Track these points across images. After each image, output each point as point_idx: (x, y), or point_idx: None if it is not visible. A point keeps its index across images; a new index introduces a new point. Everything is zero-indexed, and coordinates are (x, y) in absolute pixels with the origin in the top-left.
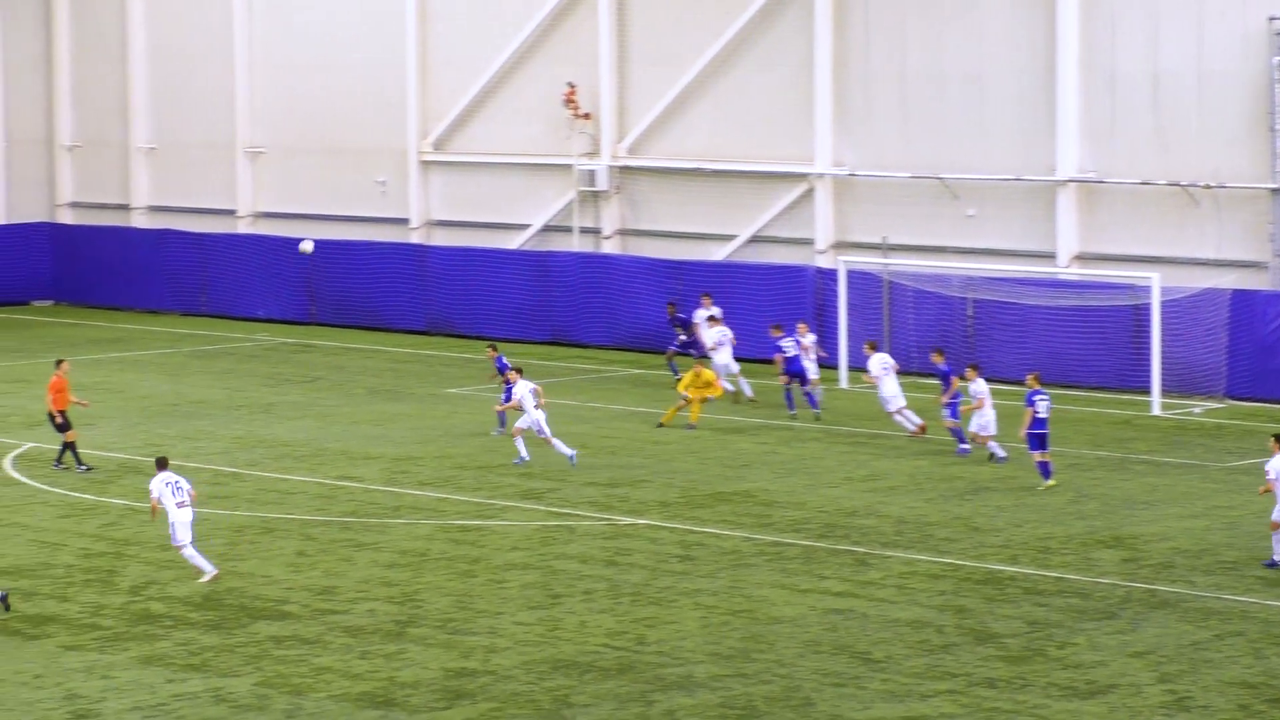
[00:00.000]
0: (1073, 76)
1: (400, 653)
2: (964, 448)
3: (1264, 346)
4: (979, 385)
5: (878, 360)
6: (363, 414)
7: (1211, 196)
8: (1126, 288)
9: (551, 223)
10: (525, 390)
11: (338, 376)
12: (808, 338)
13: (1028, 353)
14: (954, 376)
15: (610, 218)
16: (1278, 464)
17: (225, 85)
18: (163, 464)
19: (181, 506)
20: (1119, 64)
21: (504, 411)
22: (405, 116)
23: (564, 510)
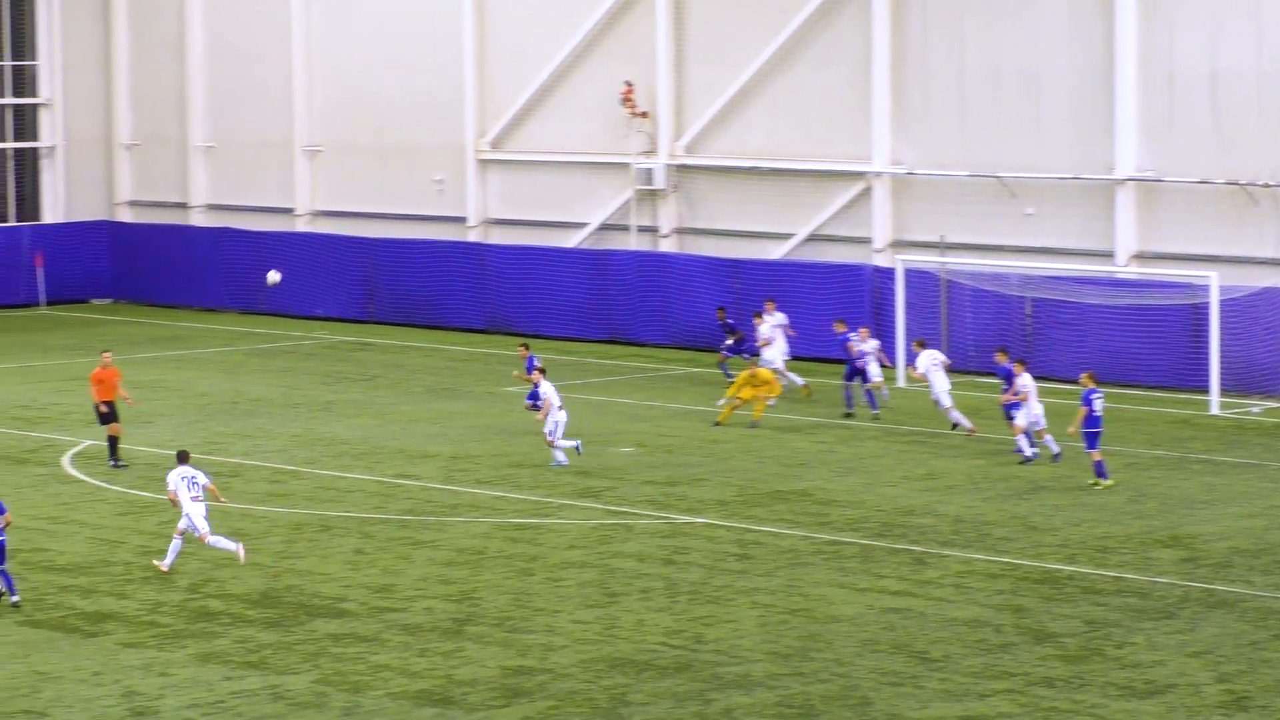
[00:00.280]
0: (1131, 75)
1: (458, 651)
2: (1034, 451)
3: None
4: (1025, 379)
5: (927, 357)
6: (421, 412)
7: (1270, 195)
8: (1185, 287)
9: (609, 221)
10: (551, 390)
11: (396, 375)
12: (870, 343)
13: (1086, 352)
14: (1014, 379)
15: (667, 216)
16: None
17: (283, 84)
18: (183, 458)
19: (196, 500)
20: (1178, 62)
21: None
22: (463, 115)
23: (622, 509)
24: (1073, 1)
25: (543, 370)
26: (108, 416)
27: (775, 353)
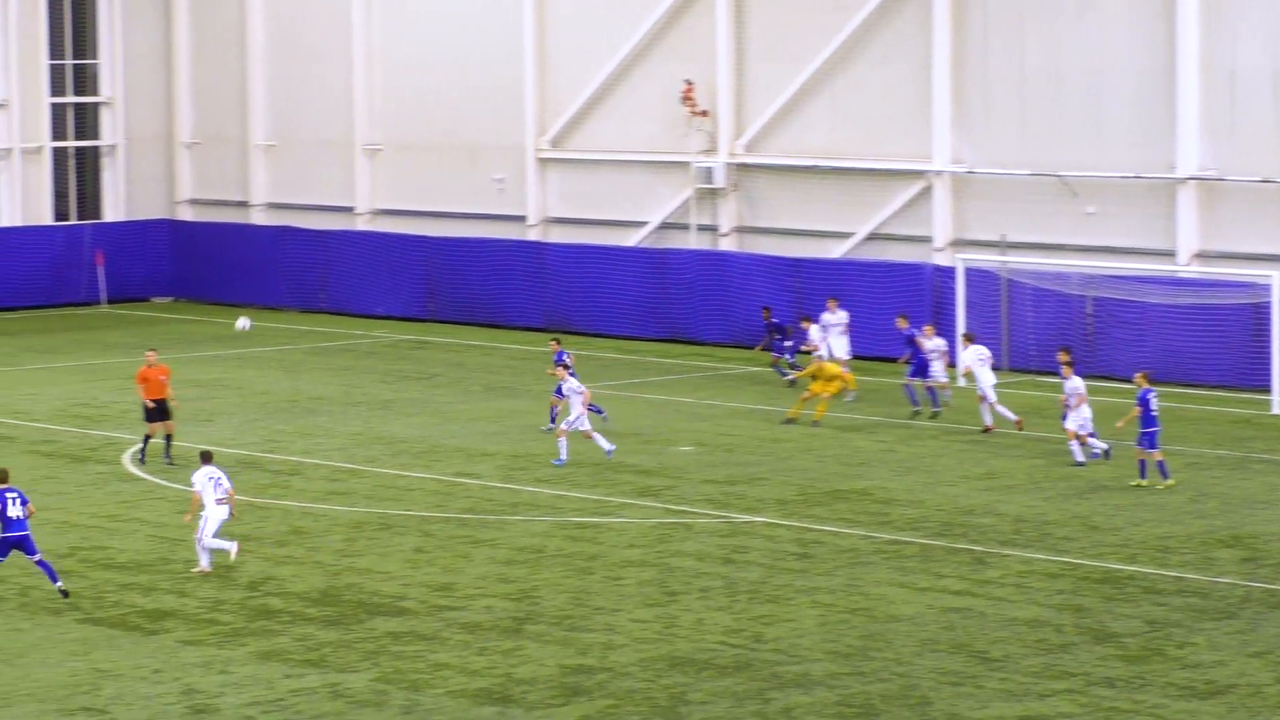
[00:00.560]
0: (1193, 73)
1: (517, 649)
2: (1096, 452)
3: None
4: (1074, 383)
5: (973, 352)
6: (480, 411)
7: None
8: (1247, 286)
9: (669, 220)
10: (572, 388)
11: (455, 373)
12: (935, 340)
13: (1147, 351)
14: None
15: (727, 215)
16: None
17: (344, 82)
18: (207, 458)
19: (219, 503)
20: (1239, 61)
21: (589, 406)
22: (523, 114)
23: (681, 508)
24: (1134, 0)
25: (568, 366)
26: (154, 414)
27: (840, 348)
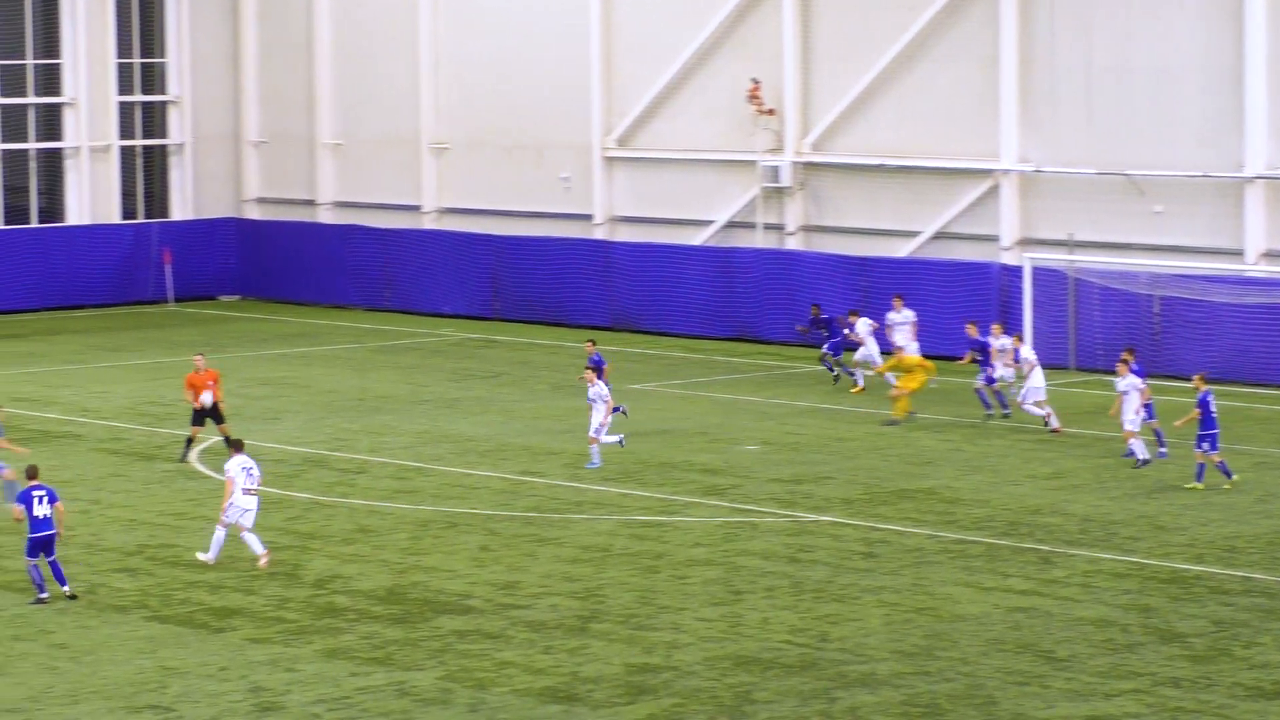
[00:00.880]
0: (1261, 71)
1: (583, 648)
2: (1163, 451)
3: None
4: (1128, 380)
5: (1027, 352)
6: (546, 409)
7: None
8: None
9: (735, 219)
10: (598, 394)
11: (521, 372)
12: (1002, 339)
13: (1214, 351)
14: (1144, 378)
15: (794, 214)
16: None
17: (410, 81)
18: (239, 446)
19: (248, 493)
20: None
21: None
22: (589, 112)
23: (747, 507)
24: None
25: (597, 369)
26: (200, 417)
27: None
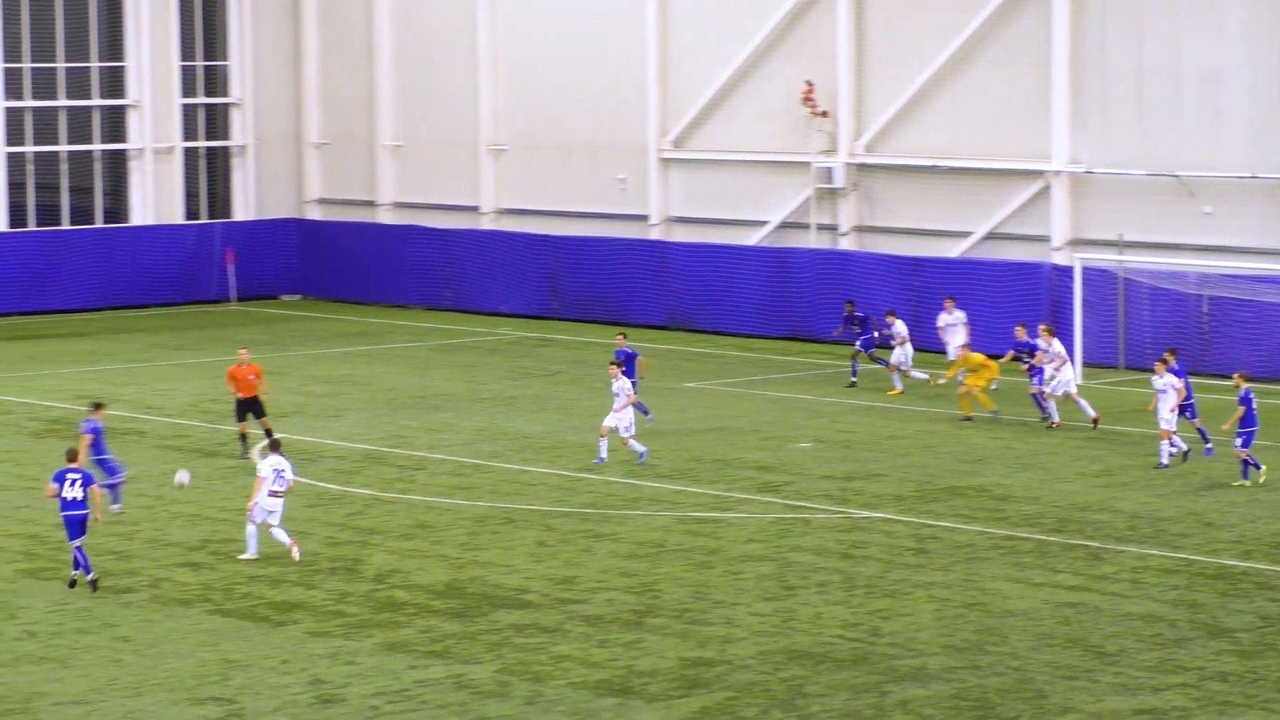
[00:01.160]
0: None
1: (638, 642)
2: (1209, 448)
3: None
4: (1170, 379)
5: (1058, 346)
6: (602, 407)
7: None
8: None
9: (789, 219)
10: (621, 388)
11: (578, 370)
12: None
13: (1263, 350)
14: (1185, 377)
15: (847, 214)
16: None
17: (469, 84)
18: (276, 446)
19: (273, 496)
20: None
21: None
22: (645, 115)
23: (800, 503)
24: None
25: (620, 365)
26: (243, 411)
27: (954, 347)
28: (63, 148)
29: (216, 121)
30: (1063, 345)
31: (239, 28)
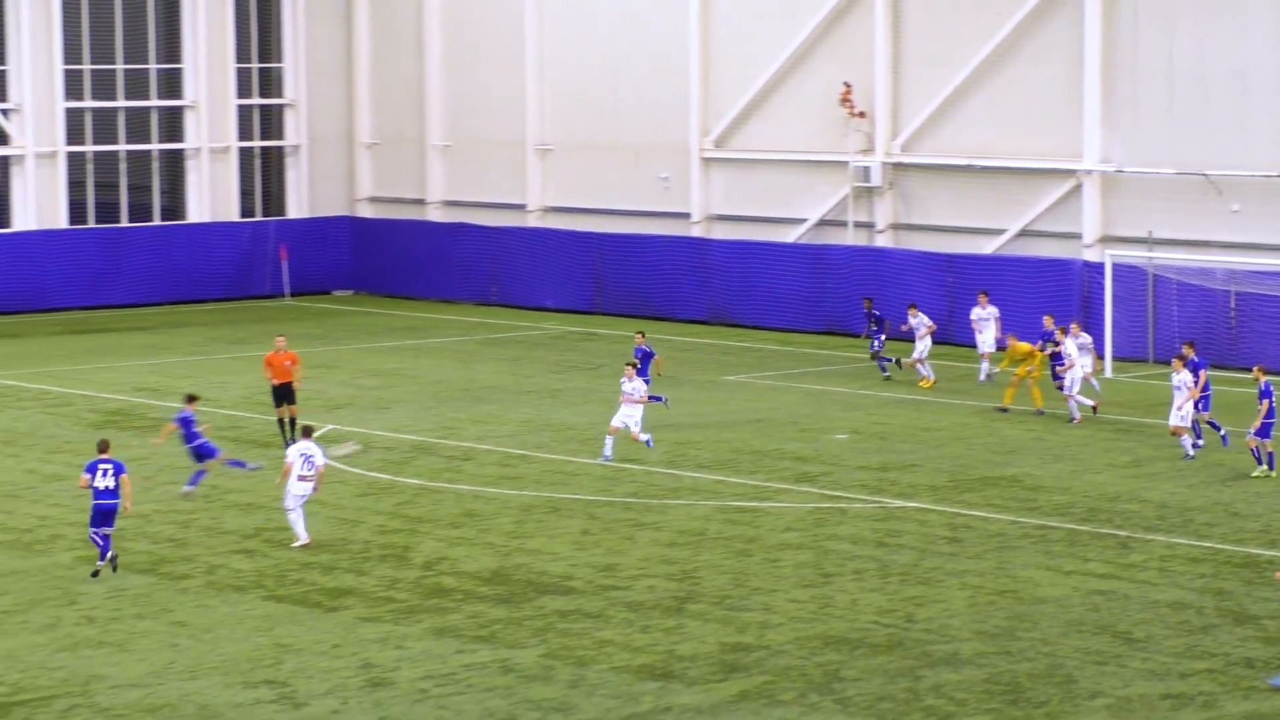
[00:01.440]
0: None
1: (679, 627)
2: (1224, 438)
3: None
4: (1183, 375)
5: (1071, 345)
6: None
7: None
8: None
9: (827, 217)
10: (635, 388)
11: (621, 364)
12: (1083, 337)
13: None
14: (1204, 370)
15: (883, 212)
16: None
17: (516, 86)
18: (308, 432)
19: (302, 480)
20: None
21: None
22: (687, 115)
23: (836, 493)
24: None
25: (636, 364)
26: (279, 396)
27: (987, 341)
28: (122, 147)
29: (271, 122)
30: (1075, 347)
31: (293, 31)
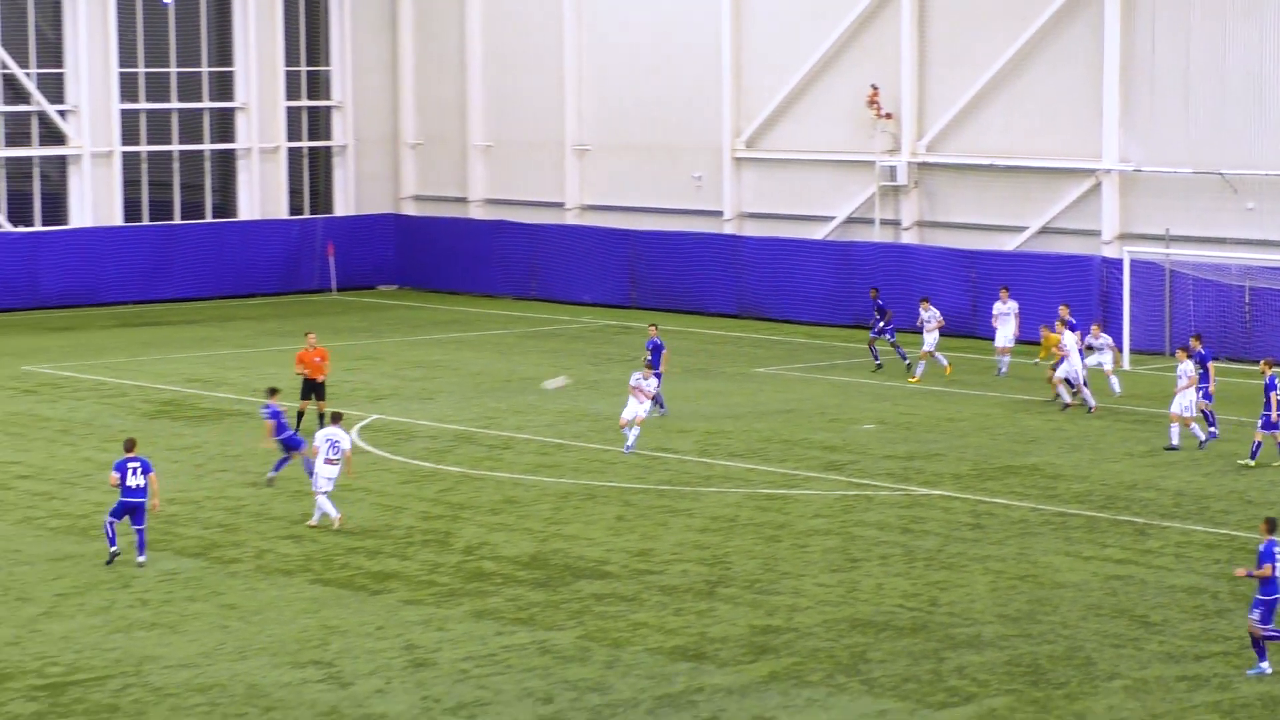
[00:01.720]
0: None
1: (710, 610)
2: (1213, 431)
3: None
4: (1186, 366)
5: (1071, 338)
6: (678, 391)
7: None
8: None
9: (854, 215)
10: (649, 385)
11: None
12: (1103, 337)
13: None
14: (1210, 362)
15: (909, 210)
16: None
17: (555, 88)
18: (336, 418)
19: (329, 463)
20: None
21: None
22: (720, 117)
23: (863, 481)
24: None
25: (654, 354)
26: (308, 391)
27: (1005, 335)
28: (175, 147)
29: (318, 123)
30: (1071, 339)
31: (340, 35)
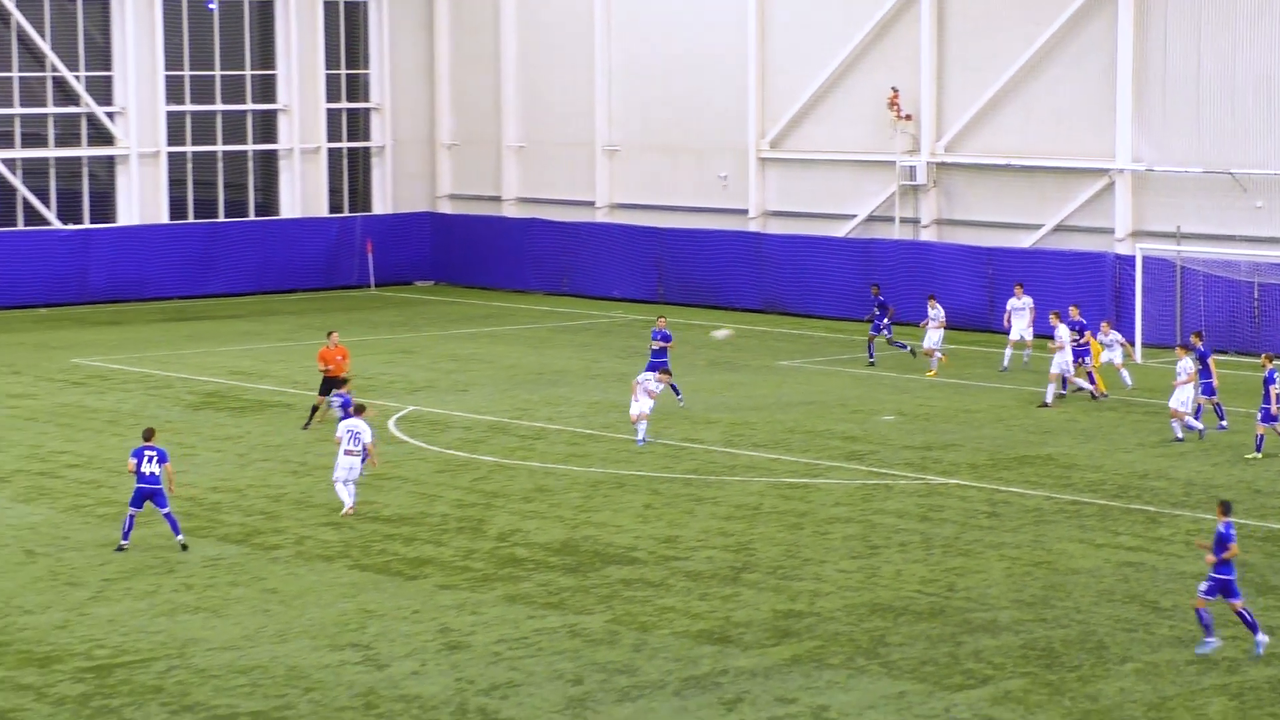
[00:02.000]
0: None
1: (735, 595)
2: (1222, 424)
3: None
4: (1186, 363)
5: (1066, 333)
6: (704, 383)
7: None
8: None
9: (875, 213)
10: (641, 379)
11: (682, 350)
12: (1112, 334)
13: None
14: (1210, 358)
15: (928, 209)
16: None
17: (586, 90)
18: (360, 410)
19: (349, 454)
20: None
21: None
22: (745, 118)
23: (883, 470)
24: None
25: (667, 372)
26: (327, 387)
27: (1019, 330)
28: (219, 148)
29: (358, 124)
30: (1066, 332)
31: (378, 39)
